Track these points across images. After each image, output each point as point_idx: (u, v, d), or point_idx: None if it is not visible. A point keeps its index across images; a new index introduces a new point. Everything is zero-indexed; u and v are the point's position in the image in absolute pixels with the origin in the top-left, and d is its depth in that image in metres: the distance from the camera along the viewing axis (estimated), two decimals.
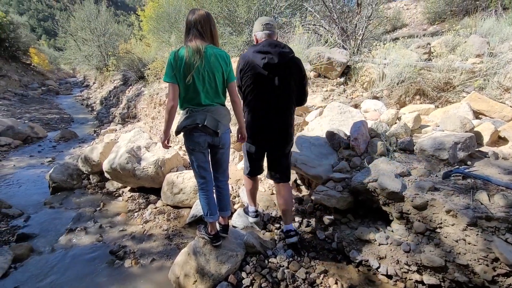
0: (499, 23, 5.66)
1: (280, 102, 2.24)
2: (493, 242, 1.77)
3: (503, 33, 4.58)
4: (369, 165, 2.48)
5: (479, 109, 3.08)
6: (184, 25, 2.04)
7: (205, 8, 7.81)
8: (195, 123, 1.99)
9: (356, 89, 4.26)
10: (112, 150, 4.24)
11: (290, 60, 2.19)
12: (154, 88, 6.88)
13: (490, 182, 2.06)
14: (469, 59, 4.10)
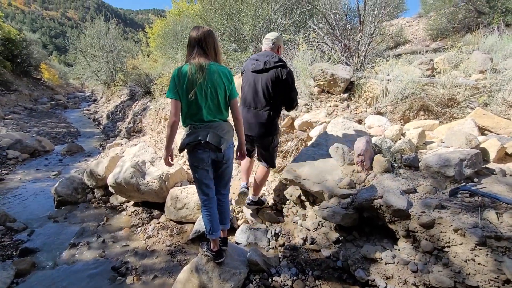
0: (502, 40, 5.71)
1: (257, 102, 2.69)
2: (504, 263, 1.72)
3: (506, 50, 4.61)
4: (374, 182, 2.46)
5: (484, 125, 3.06)
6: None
7: (211, 26, 8.04)
8: (198, 139, 2.01)
9: (360, 104, 4.27)
10: (117, 164, 4.27)
11: (272, 68, 2.61)
12: (160, 103, 7.00)
13: (498, 200, 2.02)
14: (473, 75, 4.12)
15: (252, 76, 2.71)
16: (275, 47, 2.75)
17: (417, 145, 2.87)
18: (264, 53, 2.72)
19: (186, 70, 1.95)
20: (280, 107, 2.79)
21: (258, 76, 2.67)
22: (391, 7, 6.87)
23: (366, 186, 2.49)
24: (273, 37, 2.74)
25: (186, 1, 17.61)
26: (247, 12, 7.07)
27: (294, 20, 7.04)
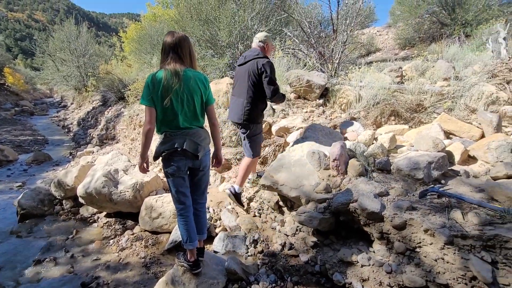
0: (463, 49, 6.13)
1: (240, 92, 2.93)
2: (470, 261, 1.80)
3: (466, 59, 4.95)
4: (349, 186, 2.51)
5: (449, 129, 3.24)
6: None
7: (187, 32, 7.96)
8: (174, 147, 1.96)
9: (335, 110, 4.39)
10: (88, 173, 4.07)
11: (251, 61, 2.85)
12: (134, 109, 6.79)
13: (463, 200, 2.13)
14: (438, 82, 4.38)
15: (238, 70, 3.03)
16: (262, 45, 2.96)
17: (388, 149, 2.98)
18: (250, 49, 3.01)
19: (160, 76, 1.90)
20: (259, 98, 2.91)
21: (241, 69, 2.95)
22: (362, 17, 7.17)
23: (341, 190, 2.54)
24: (261, 36, 2.98)
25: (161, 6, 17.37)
26: (223, 19, 7.09)
27: (270, 27, 7.15)
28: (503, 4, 9.01)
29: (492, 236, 1.79)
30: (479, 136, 3.13)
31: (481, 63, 4.41)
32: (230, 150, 4.19)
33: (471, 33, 8.37)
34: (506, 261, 1.75)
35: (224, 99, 4.75)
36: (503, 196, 2.11)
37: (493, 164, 2.62)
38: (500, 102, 3.54)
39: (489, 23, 7.53)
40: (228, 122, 4.29)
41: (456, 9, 9.50)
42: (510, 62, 3.94)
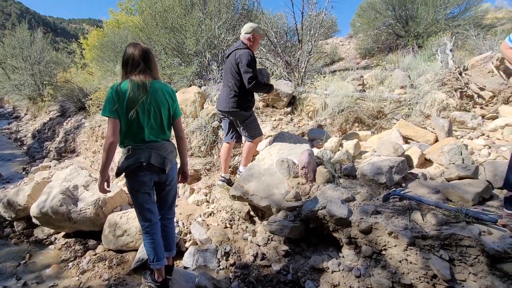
0: (416, 59, 6.63)
1: (227, 81, 3.08)
2: (430, 260, 1.91)
3: (419, 68, 5.35)
4: (318, 193, 2.56)
5: (407, 134, 3.46)
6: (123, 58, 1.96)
7: (152, 39, 7.77)
8: (139, 161, 1.87)
9: (302, 118, 4.50)
10: (43, 191, 3.75)
11: (232, 52, 3.03)
12: (96, 120, 6.43)
13: (422, 202, 2.26)
14: (395, 90, 4.67)
15: (226, 61, 3.17)
16: (248, 36, 3.03)
17: (353, 155, 3.09)
18: (237, 41, 3.15)
19: (126, 88, 1.81)
20: (243, 86, 2.99)
21: (227, 60, 3.11)
22: (325, 28, 7.49)
23: (310, 198, 2.58)
24: (247, 27, 3.06)
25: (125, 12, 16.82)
26: (190, 27, 7.02)
27: (238, 36, 7.20)
28: (449, 18, 9.91)
29: (448, 235, 1.91)
30: (434, 140, 3.36)
31: (432, 72, 4.79)
32: (199, 160, 4.10)
33: (423, 44, 9.09)
34: (462, 258, 1.88)
35: (192, 108, 4.66)
36: (456, 196, 2.27)
37: (447, 166, 2.82)
38: (450, 108, 3.86)
39: (438, 35, 8.23)
40: (197, 132, 4.21)
41: (409, 22, 10.30)
42: (456, 71, 4.33)
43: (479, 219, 1.96)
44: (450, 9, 10.08)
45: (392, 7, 10.62)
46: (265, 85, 3.08)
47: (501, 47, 2.27)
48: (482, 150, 3.17)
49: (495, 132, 3.49)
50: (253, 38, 3.04)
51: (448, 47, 5.18)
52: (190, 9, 7.57)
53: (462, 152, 2.84)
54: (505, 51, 2.21)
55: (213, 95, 5.17)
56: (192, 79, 6.92)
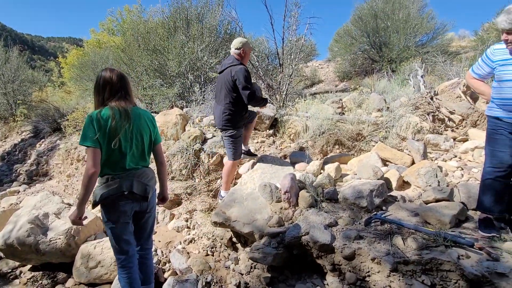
0: (391, 83, 6.97)
1: (220, 98, 3.13)
2: (413, 286, 1.90)
3: (394, 92, 5.62)
4: (301, 218, 2.54)
5: (385, 157, 3.56)
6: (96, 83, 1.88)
7: (134, 60, 7.75)
8: (121, 191, 1.78)
9: (284, 140, 4.54)
10: (9, 220, 3.48)
11: (226, 68, 3.04)
12: (72, 142, 6.18)
13: (402, 226, 2.29)
14: (373, 113, 4.85)
15: (218, 78, 3.22)
16: (238, 51, 3.08)
17: (335, 179, 3.13)
18: (228, 57, 3.20)
19: (107, 115, 1.75)
20: (237, 104, 3.05)
21: (220, 77, 3.15)
22: (305, 52, 7.79)
23: (293, 223, 2.55)
24: (236, 43, 3.10)
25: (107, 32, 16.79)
26: (172, 49, 7.08)
27: (220, 59, 7.33)
28: (418, 45, 10.64)
29: (429, 260, 1.93)
30: (410, 162, 3.48)
31: (406, 97, 5.04)
32: (180, 184, 4.00)
33: (396, 68, 9.63)
34: (443, 283, 1.89)
35: (173, 131, 4.60)
36: (434, 219, 2.33)
37: (424, 189, 2.91)
38: (424, 131, 4.04)
39: (409, 61, 8.77)
40: (178, 155, 4.13)
41: (383, 48, 10.94)
42: (428, 96, 4.58)
43: (457, 243, 2.00)
44: (419, 37, 10.85)
45: (367, 34, 11.27)
46: (261, 99, 3.15)
47: (466, 76, 2.44)
48: (455, 172, 3.31)
49: (466, 154, 3.68)
50: (244, 53, 3.11)
51: (419, 73, 5.51)
52: (173, 31, 7.68)
53: (437, 175, 2.95)
54: (470, 80, 2.38)
55: (195, 117, 5.16)
56: (174, 100, 6.89)
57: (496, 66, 2.07)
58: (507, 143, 2.09)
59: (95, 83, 1.86)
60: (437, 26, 10.71)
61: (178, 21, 7.59)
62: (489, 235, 2.14)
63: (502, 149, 2.11)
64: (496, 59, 2.07)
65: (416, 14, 10.65)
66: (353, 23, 11.87)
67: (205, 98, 6.13)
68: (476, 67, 2.26)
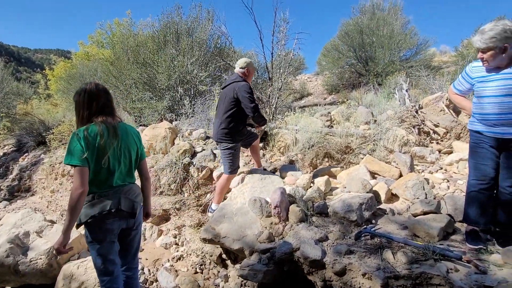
0: (377, 97, 7.15)
1: (220, 112, 3.22)
2: None
3: (380, 105, 5.75)
4: (291, 233, 2.52)
5: (374, 170, 3.60)
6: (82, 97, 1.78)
7: (123, 73, 7.71)
8: (108, 209, 1.72)
9: (274, 153, 4.55)
10: None
11: (230, 84, 3.18)
12: (57, 156, 6.02)
13: (392, 240, 2.30)
14: (360, 126, 4.94)
15: (221, 93, 3.33)
16: (243, 70, 3.24)
17: (325, 192, 3.14)
18: (233, 74, 3.35)
19: (95, 132, 1.69)
20: (235, 119, 3.13)
21: (222, 92, 3.27)
22: (294, 66, 7.94)
23: (284, 238, 2.52)
24: (241, 62, 3.26)
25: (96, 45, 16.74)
26: (162, 63, 7.09)
27: (210, 72, 7.38)
28: (403, 60, 11.02)
29: (419, 274, 1.93)
30: (398, 175, 3.53)
31: (392, 110, 5.17)
32: (169, 199, 3.92)
33: (382, 82, 9.90)
34: None
35: (162, 144, 4.55)
36: (423, 232, 2.35)
37: (412, 201, 2.94)
38: (410, 144, 4.13)
39: (394, 75, 9.05)
40: (167, 169, 4.07)
41: (369, 62, 11.27)
42: (413, 109, 4.71)
43: (445, 256, 2.01)
44: (403, 52, 11.26)
45: (353, 48, 11.61)
46: (263, 117, 3.28)
47: (448, 91, 2.53)
48: (441, 184, 3.37)
49: (451, 166, 3.76)
50: (248, 72, 3.26)
51: (404, 87, 5.68)
52: (163, 45, 7.72)
53: (425, 187, 3.00)
54: (452, 95, 2.47)
55: (185, 130, 5.12)
56: (164, 113, 6.85)
57: (475, 82, 2.15)
58: (489, 156, 2.15)
59: (78, 98, 1.78)
60: (420, 42, 11.15)
61: (168, 35, 7.65)
62: (476, 247, 2.17)
63: (484, 162, 2.17)
64: (474, 76, 2.15)
65: (400, 30, 11.09)
66: (340, 38, 12.23)
67: (194, 111, 6.12)
68: (457, 83, 2.34)
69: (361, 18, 11.98)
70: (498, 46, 1.91)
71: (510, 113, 1.98)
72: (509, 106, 1.97)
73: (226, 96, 3.15)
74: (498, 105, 2.01)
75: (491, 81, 2.04)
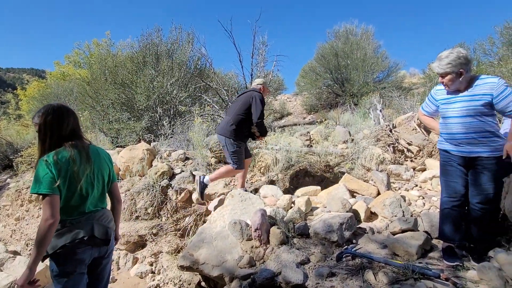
0: (354, 116, 7.42)
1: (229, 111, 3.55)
2: None
3: (357, 125, 5.96)
4: (272, 256, 2.45)
5: (353, 188, 3.66)
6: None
7: (100, 94, 7.55)
8: (80, 237, 1.59)
9: (255, 173, 4.52)
10: None
11: (248, 91, 3.55)
12: (25, 180, 5.66)
13: (373, 260, 2.30)
14: (339, 145, 5.05)
15: (237, 97, 3.68)
16: (260, 86, 3.67)
17: (305, 212, 3.12)
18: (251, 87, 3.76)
19: (66, 157, 1.59)
20: (244, 121, 3.41)
21: (240, 97, 3.58)
22: (273, 87, 8.12)
23: (265, 262, 2.45)
24: (259, 81, 3.74)
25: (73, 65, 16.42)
26: (141, 83, 7.03)
27: (190, 93, 7.38)
28: (376, 81, 11.61)
29: None
30: (376, 193, 3.60)
31: (368, 129, 5.35)
32: (145, 224, 3.75)
33: (358, 102, 10.33)
34: None
35: (139, 166, 4.40)
36: (402, 251, 2.37)
37: (390, 219, 2.99)
38: (386, 162, 4.25)
39: (369, 95, 9.48)
40: (143, 192, 3.92)
41: (345, 83, 11.78)
42: (387, 129, 4.91)
43: (424, 275, 2.03)
44: (376, 74, 11.89)
45: (330, 70, 12.13)
46: (265, 126, 3.53)
47: (418, 113, 2.66)
48: (417, 201, 3.46)
49: (426, 182, 3.89)
50: (263, 89, 3.70)
51: (378, 107, 5.94)
52: (142, 66, 7.69)
53: (402, 205, 3.06)
54: (421, 117, 2.60)
55: (163, 151, 5.01)
56: (142, 134, 6.70)
57: (439, 104, 2.29)
58: (458, 174, 2.24)
59: (43, 120, 1.62)
60: (391, 65, 11.87)
61: (148, 56, 7.65)
62: (453, 264, 2.21)
63: (454, 180, 2.26)
64: (439, 98, 2.29)
65: (372, 54, 11.76)
66: (317, 61, 12.76)
67: (174, 132, 6.04)
68: (425, 105, 2.48)
69: (336, 42, 12.64)
70: (454, 71, 2.06)
71: (473, 132, 2.10)
72: (471, 126, 2.09)
73: (241, 100, 3.48)
74: (461, 125, 2.14)
75: (452, 103, 2.18)
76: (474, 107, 2.06)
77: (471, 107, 2.07)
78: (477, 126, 2.08)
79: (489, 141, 2.08)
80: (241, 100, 3.48)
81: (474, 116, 2.08)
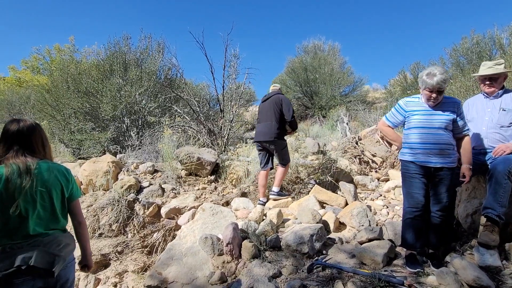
0: (322, 128, 7.70)
1: (266, 118, 3.81)
2: None
3: (326, 137, 6.18)
4: (244, 271, 2.42)
5: (322, 199, 3.75)
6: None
7: (61, 102, 7.10)
8: (16, 265, 1.43)
9: (226, 186, 4.48)
10: None
11: (272, 96, 3.87)
12: None
13: (342, 270, 2.35)
14: (309, 157, 5.19)
15: (262, 105, 3.96)
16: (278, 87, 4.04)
17: (277, 225, 3.14)
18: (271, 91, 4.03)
19: (1, 174, 1.47)
20: (282, 121, 3.76)
21: (265, 103, 3.88)
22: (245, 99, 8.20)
23: (237, 277, 2.41)
24: (277, 85, 4.12)
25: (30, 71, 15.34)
26: (107, 92, 6.74)
27: (160, 103, 7.21)
28: (342, 95, 12.20)
29: None
30: (344, 203, 3.72)
31: (335, 141, 5.57)
32: (109, 242, 3.52)
33: (326, 115, 10.75)
34: None
35: (103, 180, 4.17)
36: (369, 260, 2.45)
37: (358, 229, 3.10)
38: (353, 173, 4.44)
39: (336, 108, 9.92)
40: (108, 207, 3.70)
41: (314, 96, 12.23)
42: (353, 141, 5.15)
43: (390, 283, 2.11)
44: (343, 88, 12.51)
45: (299, 83, 12.55)
46: (296, 123, 3.91)
47: (379, 124, 2.79)
48: (382, 210, 3.63)
49: (389, 192, 4.11)
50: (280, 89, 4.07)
51: (345, 120, 6.22)
52: (109, 74, 7.39)
53: (368, 214, 3.20)
54: (383, 127, 2.70)
55: (131, 164, 4.80)
56: (107, 145, 6.38)
57: (408, 115, 2.45)
58: (419, 185, 2.39)
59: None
60: (356, 80, 12.57)
61: (115, 64, 7.38)
62: (415, 270, 2.33)
63: (416, 190, 2.40)
64: (408, 109, 2.45)
65: (339, 69, 12.40)
66: (287, 74, 13.16)
67: (142, 143, 5.83)
68: (390, 116, 2.60)
69: (305, 57, 13.15)
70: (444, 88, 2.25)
71: (433, 143, 2.27)
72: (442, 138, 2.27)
73: (271, 104, 3.78)
74: (420, 135, 2.32)
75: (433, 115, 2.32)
76: (446, 121, 2.27)
77: (446, 120, 2.27)
78: (446, 138, 2.28)
79: (451, 153, 2.29)
80: (271, 105, 3.80)
81: (445, 128, 2.27)
